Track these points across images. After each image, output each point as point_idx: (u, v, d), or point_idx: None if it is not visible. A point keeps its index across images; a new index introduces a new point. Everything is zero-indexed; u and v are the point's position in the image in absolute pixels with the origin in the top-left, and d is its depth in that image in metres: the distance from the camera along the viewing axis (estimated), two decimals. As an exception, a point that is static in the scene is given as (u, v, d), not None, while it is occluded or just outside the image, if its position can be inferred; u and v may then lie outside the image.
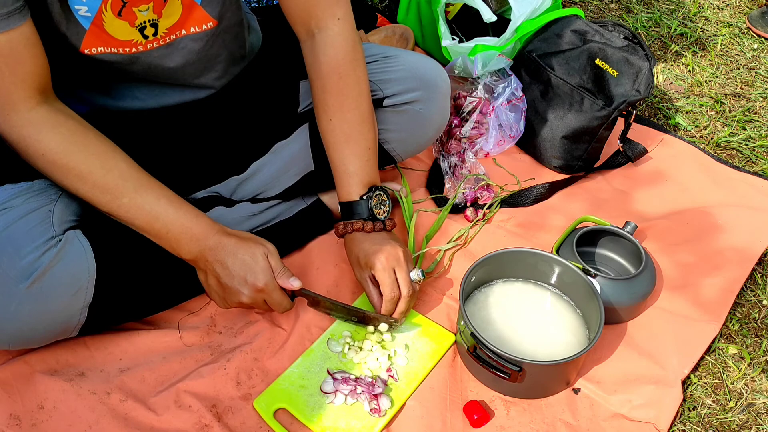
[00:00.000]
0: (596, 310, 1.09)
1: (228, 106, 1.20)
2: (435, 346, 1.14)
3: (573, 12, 1.58)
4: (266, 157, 1.23)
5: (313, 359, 1.11)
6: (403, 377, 1.10)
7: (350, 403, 1.06)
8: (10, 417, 1.02)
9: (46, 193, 1.01)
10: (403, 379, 1.09)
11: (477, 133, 1.53)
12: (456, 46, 1.59)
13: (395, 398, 1.06)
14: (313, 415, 1.04)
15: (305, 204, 1.29)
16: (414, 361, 1.12)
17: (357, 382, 1.06)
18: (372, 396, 1.05)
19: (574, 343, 1.12)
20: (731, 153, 1.62)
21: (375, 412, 1.04)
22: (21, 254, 0.93)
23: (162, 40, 1.01)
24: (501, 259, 1.17)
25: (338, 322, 1.16)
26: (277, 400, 1.05)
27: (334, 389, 1.06)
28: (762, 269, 1.35)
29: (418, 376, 1.10)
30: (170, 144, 1.17)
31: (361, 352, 1.12)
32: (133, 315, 1.14)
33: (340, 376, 1.07)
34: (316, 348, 1.13)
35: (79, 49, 0.97)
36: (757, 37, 1.99)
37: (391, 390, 1.08)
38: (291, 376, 1.08)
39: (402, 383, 1.09)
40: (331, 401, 1.05)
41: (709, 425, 1.11)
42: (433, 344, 1.14)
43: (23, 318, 0.94)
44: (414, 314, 1.18)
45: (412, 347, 1.14)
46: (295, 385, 1.07)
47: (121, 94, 1.08)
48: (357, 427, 1.03)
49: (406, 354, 1.13)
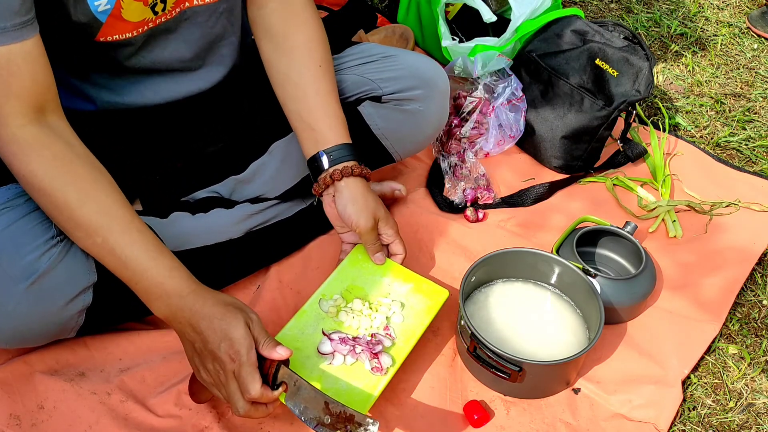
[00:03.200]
0: (596, 310, 1.09)
1: (228, 104, 1.20)
2: (430, 303, 1.11)
3: (573, 12, 1.58)
4: (265, 157, 1.23)
5: (306, 320, 1.07)
6: (401, 335, 1.07)
7: (350, 363, 1.02)
8: (10, 417, 1.02)
9: None
10: (401, 337, 1.07)
11: (477, 133, 1.53)
12: (456, 46, 1.59)
13: (395, 356, 1.04)
14: (311, 378, 1.00)
15: (305, 204, 1.29)
16: (410, 319, 1.09)
17: (356, 341, 1.03)
18: (372, 355, 1.02)
19: (574, 343, 1.12)
20: (731, 153, 1.62)
21: (377, 370, 1.01)
22: (21, 253, 0.93)
23: (169, 14, 1.01)
24: (501, 259, 1.17)
25: (329, 281, 1.12)
26: None
27: (332, 350, 1.02)
28: (762, 269, 1.35)
29: (416, 333, 1.07)
30: (171, 143, 1.17)
31: (354, 313, 1.08)
32: (132, 317, 1.13)
33: (337, 336, 1.04)
34: (308, 309, 1.09)
35: (94, 38, 0.97)
36: (757, 37, 1.99)
37: (390, 348, 1.05)
38: (284, 338, 1.04)
39: (400, 341, 1.06)
40: (329, 362, 1.02)
41: (709, 425, 1.11)
42: (428, 300, 1.12)
43: (21, 317, 0.94)
44: (406, 271, 1.15)
45: (407, 305, 1.11)
46: (291, 347, 0.99)
47: (125, 89, 1.08)
48: (359, 387, 1.00)
49: (402, 312, 1.10)
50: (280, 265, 1.26)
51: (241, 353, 0.86)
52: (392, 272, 1.14)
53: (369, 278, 1.13)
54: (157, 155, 1.15)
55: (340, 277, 1.13)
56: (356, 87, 1.24)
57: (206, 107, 1.17)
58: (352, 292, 1.12)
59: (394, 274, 1.14)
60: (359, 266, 1.15)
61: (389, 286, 1.13)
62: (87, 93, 1.07)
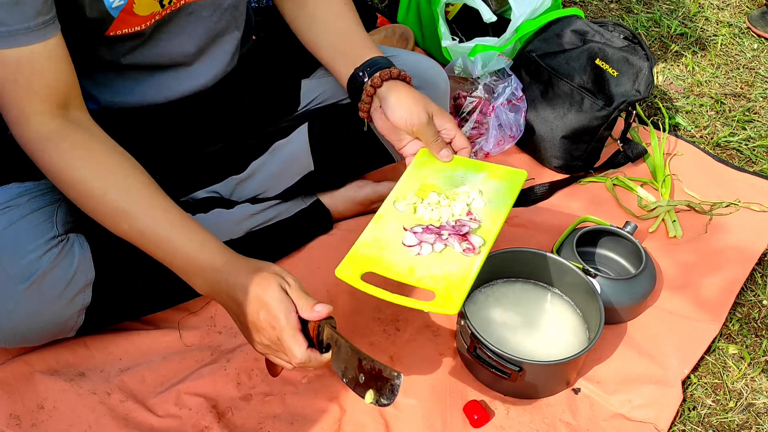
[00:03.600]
0: (596, 310, 1.09)
1: (228, 103, 1.20)
2: (509, 184, 1.06)
3: (573, 12, 1.58)
4: (265, 157, 1.23)
5: (384, 223, 1.02)
6: (485, 218, 1.01)
7: (439, 249, 0.97)
8: (10, 417, 1.02)
9: (52, 193, 1.01)
10: (486, 220, 1.01)
11: (477, 133, 1.53)
12: (456, 46, 1.59)
13: (485, 237, 0.98)
14: (404, 270, 0.95)
15: (305, 204, 1.29)
16: (491, 202, 1.04)
17: (441, 228, 0.99)
18: (461, 237, 0.97)
19: (574, 343, 1.12)
20: (731, 153, 1.62)
21: (469, 251, 0.96)
22: (22, 252, 0.93)
23: (174, 5, 1.01)
24: (501, 259, 1.17)
25: (400, 185, 1.07)
26: (361, 265, 0.96)
27: (417, 241, 0.98)
28: (762, 269, 1.35)
29: (501, 214, 1.02)
30: (172, 143, 1.17)
31: (432, 206, 1.03)
32: (131, 316, 1.13)
33: (420, 228, 1.00)
34: (384, 212, 1.04)
35: (105, 33, 0.97)
36: (757, 37, 1.99)
37: (477, 231, 0.99)
38: (366, 242, 0.99)
39: (486, 223, 1.00)
40: (417, 253, 0.97)
41: (709, 425, 1.11)
42: (506, 182, 1.06)
43: (21, 317, 0.94)
44: (476, 162, 1.10)
45: (485, 190, 1.05)
46: (374, 248, 0.98)
47: (128, 88, 1.08)
48: (454, 270, 0.95)
49: (482, 197, 1.04)
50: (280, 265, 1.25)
51: (280, 318, 0.85)
52: (462, 166, 1.09)
53: (440, 175, 1.08)
54: (158, 155, 1.15)
55: (410, 179, 1.08)
56: None
57: (207, 107, 1.17)
58: (425, 190, 1.06)
59: (465, 167, 1.09)
60: (427, 166, 1.09)
61: (463, 178, 1.07)
62: (90, 92, 1.07)
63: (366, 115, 1.10)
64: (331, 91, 1.26)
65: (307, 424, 1.05)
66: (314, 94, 1.27)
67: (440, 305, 0.91)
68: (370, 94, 1.07)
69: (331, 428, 1.05)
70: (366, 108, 1.09)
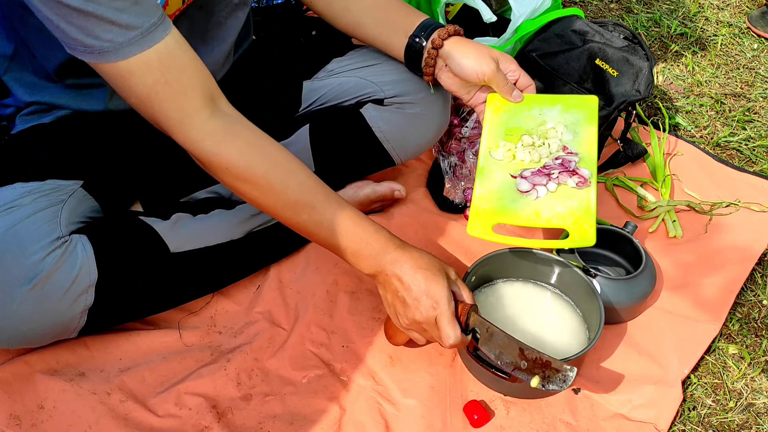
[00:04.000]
0: (596, 310, 1.09)
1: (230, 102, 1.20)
2: (586, 112, 1.11)
3: (573, 12, 1.58)
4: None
5: (488, 175, 1.07)
6: (580, 148, 1.07)
7: (552, 189, 1.03)
8: (10, 417, 1.02)
9: (56, 194, 1.01)
10: (581, 150, 1.07)
11: (477, 133, 1.53)
12: (456, 46, 1.59)
13: (589, 166, 1.05)
14: (530, 215, 1.01)
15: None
16: (579, 132, 1.09)
17: (548, 168, 1.04)
18: (570, 172, 1.03)
19: (574, 344, 1.12)
20: (731, 153, 1.62)
21: (582, 184, 1.02)
22: (26, 253, 0.93)
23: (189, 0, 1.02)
24: (501, 259, 1.17)
25: (486, 135, 1.12)
26: (488, 218, 1.02)
27: (531, 185, 1.04)
28: (762, 269, 1.35)
29: (592, 142, 1.07)
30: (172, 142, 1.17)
31: (529, 148, 1.08)
32: (133, 317, 1.14)
33: (529, 172, 1.05)
34: (485, 164, 1.09)
35: None
36: (757, 37, 1.99)
37: (579, 162, 1.06)
38: (481, 197, 1.05)
39: (584, 153, 1.06)
40: (536, 197, 1.03)
41: (709, 425, 1.11)
42: (583, 111, 1.11)
43: (23, 318, 0.94)
44: (547, 97, 1.16)
45: (568, 123, 1.10)
46: (492, 201, 1.04)
47: None
48: (575, 205, 1.01)
49: (568, 130, 1.10)
50: (280, 265, 1.26)
51: (442, 303, 0.94)
52: (535, 102, 1.14)
53: (519, 116, 1.12)
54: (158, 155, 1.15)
55: (493, 126, 1.12)
56: (358, 90, 1.25)
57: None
58: (513, 134, 1.11)
59: (538, 103, 1.13)
60: (502, 110, 1.13)
61: (541, 115, 1.12)
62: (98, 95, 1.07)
63: (431, 78, 1.13)
64: (333, 93, 1.26)
65: (307, 423, 1.05)
66: (316, 95, 1.27)
67: (577, 240, 0.98)
68: (433, 56, 1.10)
69: (331, 428, 1.05)
70: (431, 71, 1.12)
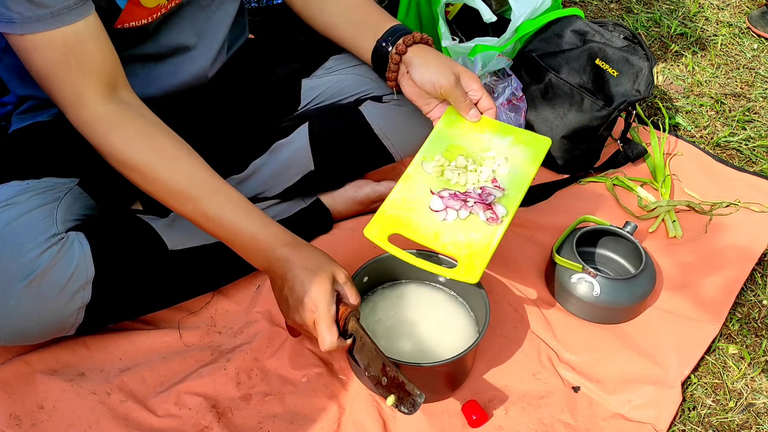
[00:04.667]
0: (483, 313, 1.07)
1: (228, 103, 1.20)
2: (533, 151, 1.08)
3: (573, 12, 1.58)
4: (265, 157, 1.23)
5: (412, 184, 1.06)
6: (510, 185, 1.05)
7: (464, 216, 1.01)
8: (10, 417, 1.02)
9: (52, 191, 1.01)
10: (510, 187, 1.04)
11: (477, 133, 1.53)
12: (456, 46, 1.59)
13: (507, 206, 1.02)
14: (430, 235, 1.00)
15: (305, 204, 1.29)
16: (516, 169, 1.07)
17: (466, 195, 1.03)
18: (486, 206, 1.01)
19: (460, 347, 1.07)
20: (731, 153, 1.62)
21: (492, 221, 1.00)
22: (23, 250, 0.93)
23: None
24: (394, 261, 1.10)
25: (428, 144, 1.10)
26: (388, 226, 1.01)
27: (443, 206, 1.02)
28: (762, 269, 1.35)
29: (525, 182, 1.05)
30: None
31: (459, 170, 1.07)
32: (131, 314, 1.14)
33: (447, 193, 1.03)
34: (413, 173, 1.07)
35: (113, 26, 0.98)
36: (757, 37, 1.99)
37: (501, 199, 1.03)
38: (394, 202, 1.04)
39: (510, 191, 1.04)
40: (443, 218, 1.01)
41: (709, 425, 1.11)
42: (531, 150, 1.09)
43: (21, 315, 0.94)
44: (502, 125, 1.12)
45: (510, 156, 1.08)
46: (402, 210, 1.03)
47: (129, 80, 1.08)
48: (477, 238, 0.99)
49: (507, 164, 1.07)
50: (280, 265, 1.26)
51: (321, 306, 0.91)
52: (489, 128, 1.11)
53: (467, 136, 1.10)
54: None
55: (438, 139, 1.11)
56: (357, 87, 1.25)
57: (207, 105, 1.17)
58: (452, 152, 1.09)
59: (491, 129, 1.11)
60: (455, 126, 1.11)
61: (489, 141, 1.10)
62: None
63: (394, 84, 1.12)
64: (332, 91, 1.26)
65: (307, 423, 1.05)
66: (314, 93, 1.27)
67: (462, 273, 0.96)
68: (396, 62, 1.09)
69: (331, 427, 1.05)
70: (393, 77, 1.11)
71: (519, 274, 1.29)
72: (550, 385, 1.12)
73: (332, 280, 0.94)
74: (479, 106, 1.11)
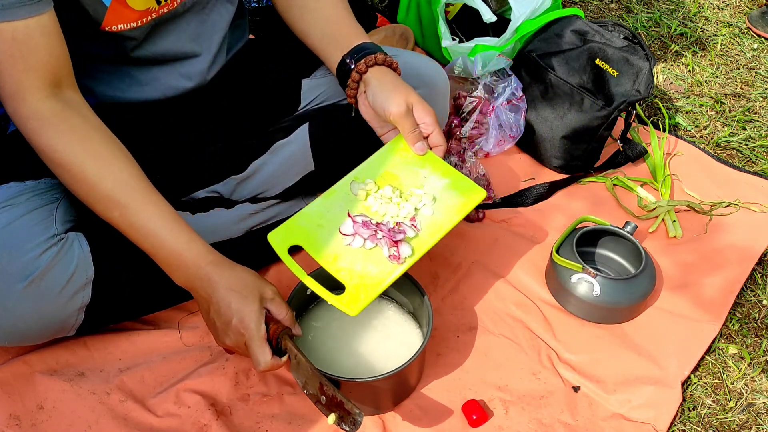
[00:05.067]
0: (426, 319, 1.05)
1: (228, 103, 1.20)
2: (463, 200, 1.04)
3: (573, 12, 1.58)
4: (265, 157, 1.23)
5: (334, 200, 1.04)
6: (426, 228, 1.01)
7: (369, 247, 0.99)
8: (10, 417, 1.02)
9: (51, 192, 1.01)
10: (425, 231, 1.01)
11: (477, 133, 1.53)
12: (456, 46, 1.59)
13: (416, 248, 0.99)
14: (329, 255, 0.98)
15: (305, 204, 1.29)
16: (440, 213, 1.03)
17: (378, 226, 1.00)
18: (393, 242, 0.98)
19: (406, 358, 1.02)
20: (731, 153, 1.62)
21: (394, 258, 0.97)
22: (22, 251, 0.93)
23: (172, 3, 1.02)
24: None
25: (365, 165, 1.08)
26: (293, 236, 1.00)
27: (353, 231, 1.00)
28: (762, 269, 1.35)
29: (442, 229, 1.01)
30: (171, 142, 1.17)
31: (383, 200, 1.04)
32: (131, 315, 1.14)
33: (361, 219, 1.01)
34: (338, 189, 1.05)
35: (100, 27, 0.97)
36: (757, 37, 1.99)
37: (413, 239, 1.00)
38: (310, 214, 1.02)
39: (425, 234, 1.01)
40: (348, 243, 0.99)
41: (709, 425, 1.11)
42: (462, 198, 1.05)
43: (20, 315, 0.95)
44: (445, 165, 1.08)
45: (439, 199, 1.05)
46: (312, 224, 1.01)
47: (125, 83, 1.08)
48: (373, 272, 0.96)
49: (433, 205, 1.04)
50: (280, 265, 1.26)
51: (251, 328, 0.90)
52: (431, 164, 1.08)
53: (406, 167, 1.07)
54: (158, 154, 1.15)
55: (377, 161, 1.08)
56: None
57: (207, 105, 1.17)
58: (385, 179, 1.07)
59: (433, 166, 1.08)
60: (398, 154, 1.09)
61: (425, 179, 1.07)
62: (87, 86, 1.07)
63: (353, 100, 1.11)
64: (332, 91, 1.26)
65: (306, 423, 1.05)
66: (314, 93, 1.27)
67: (344, 303, 0.93)
68: (355, 80, 1.08)
69: (330, 428, 1.05)
70: (353, 93, 1.10)
71: (519, 274, 1.29)
72: (550, 385, 1.12)
73: (260, 299, 0.92)
74: (429, 141, 1.08)
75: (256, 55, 1.26)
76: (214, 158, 1.22)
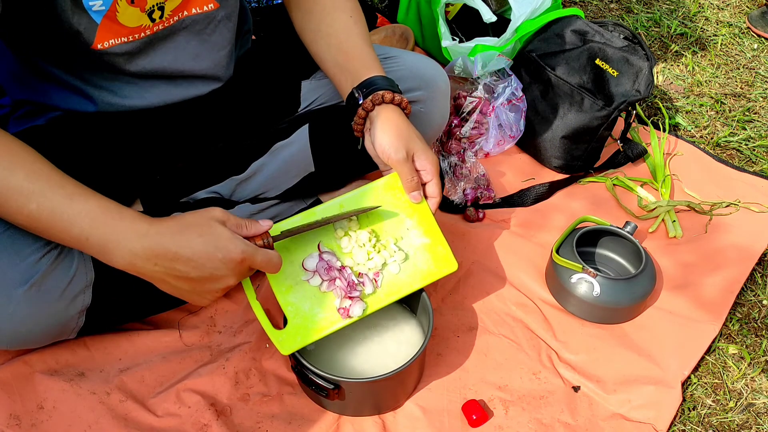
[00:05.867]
0: (427, 319, 1.05)
1: (229, 105, 1.20)
2: (433, 269, 1.03)
3: (573, 12, 1.58)
4: (266, 158, 1.24)
5: (316, 217, 1.01)
6: (385, 287, 1.00)
7: (323, 290, 0.98)
8: (10, 417, 1.02)
9: None
10: (384, 289, 1.00)
11: (477, 133, 1.53)
12: (456, 46, 1.59)
13: (369, 307, 0.98)
14: (283, 285, 0.97)
15: (305, 204, 1.30)
16: (405, 275, 1.02)
17: (341, 272, 0.99)
18: (347, 296, 0.97)
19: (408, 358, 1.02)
20: (731, 153, 1.62)
21: (343, 312, 0.97)
22: (21, 255, 0.93)
23: (167, 21, 1.01)
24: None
25: (355, 194, 1.04)
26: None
27: (314, 269, 0.98)
28: (762, 269, 1.35)
29: (400, 292, 1.01)
30: (172, 144, 1.17)
31: (356, 245, 1.02)
32: (132, 317, 1.14)
33: (327, 258, 0.99)
34: (322, 215, 1.01)
35: (92, 45, 0.96)
36: (757, 37, 1.99)
37: (368, 296, 0.99)
38: (284, 228, 0.98)
39: (381, 293, 1.00)
40: (307, 279, 0.98)
41: (709, 425, 1.11)
42: (432, 266, 1.03)
43: (21, 320, 0.94)
44: (432, 223, 1.06)
45: (411, 259, 1.03)
46: (278, 246, 0.97)
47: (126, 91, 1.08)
48: (318, 316, 0.95)
49: (401, 264, 1.03)
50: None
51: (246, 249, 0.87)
52: (419, 217, 1.05)
53: (394, 217, 1.05)
54: (158, 156, 1.15)
55: (368, 195, 1.05)
56: None
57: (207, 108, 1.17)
58: (368, 220, 1.04)
59: (420, 220, 1.05)
60: (391, 193, 1.06)
61: (407, 231, 1.05)
62: (87, 93, 1.07)
63: (360, 134, 1.10)
64: (332, 93, 1.26)
65: (305, 423, 1.05)
66: (315, 95, 1.27)
67: (280, 341, 0.95)
68: (362, 116, 1.07)
69: (330, 428, 1.05)
70: (359, 128, 1.09)
71: (519, 274, 1.29)
72: (550, 384, 1.13)
73: (222, 224, 0.87)
74: (426, 190, 1.06)
75: (257, 57, 1.26)
76: (214, 159, 1.22)
